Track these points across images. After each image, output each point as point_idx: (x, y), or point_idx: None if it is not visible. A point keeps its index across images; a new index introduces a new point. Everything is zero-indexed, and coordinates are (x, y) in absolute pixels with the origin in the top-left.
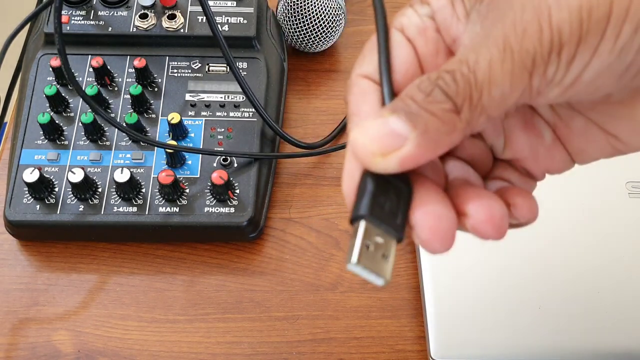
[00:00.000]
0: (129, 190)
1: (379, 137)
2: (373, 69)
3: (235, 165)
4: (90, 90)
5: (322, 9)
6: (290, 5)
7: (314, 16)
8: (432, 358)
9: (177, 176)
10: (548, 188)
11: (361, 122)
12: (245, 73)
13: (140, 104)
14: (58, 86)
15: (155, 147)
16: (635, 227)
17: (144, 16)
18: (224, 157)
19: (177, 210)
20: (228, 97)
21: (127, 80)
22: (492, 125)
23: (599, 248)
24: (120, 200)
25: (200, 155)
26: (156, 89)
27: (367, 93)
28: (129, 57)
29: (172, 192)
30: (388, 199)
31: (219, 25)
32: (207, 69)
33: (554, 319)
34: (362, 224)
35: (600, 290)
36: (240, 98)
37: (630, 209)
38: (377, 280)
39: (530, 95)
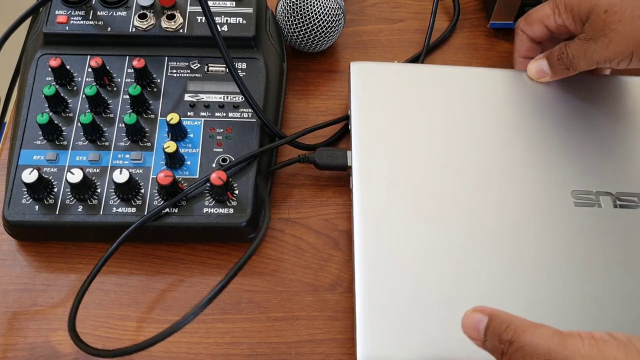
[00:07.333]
0: (128, 190)
1: (537, 71)
2: (531, 33)
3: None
4: (89, 91)
5: (321, 9)
6: (290, 6)
7: (313, 16)
8: None
9: (176, 177)
10: (494, 194)
11: (532, 62)
12: (244, 73)
13: (139, 104)
14: (57, 86)
15: (154, 148)
16: (580, 236)
17: (143, 16)
18: (222, 157)
19: (176, 211)
20: (227, 98)
21: (126, 80)
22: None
23: (543, 255)
24: (119, 200)
25: (199, 155)
26: (155, 90)
27: (524, 42)
28: (128, 57)
29: (171, 192)
30: None
31: (217, 26)
32: (206, 69)
33: None
34: None
35: (541, 299)
36: (239, 98)
37: (575, 218)
38: None
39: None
